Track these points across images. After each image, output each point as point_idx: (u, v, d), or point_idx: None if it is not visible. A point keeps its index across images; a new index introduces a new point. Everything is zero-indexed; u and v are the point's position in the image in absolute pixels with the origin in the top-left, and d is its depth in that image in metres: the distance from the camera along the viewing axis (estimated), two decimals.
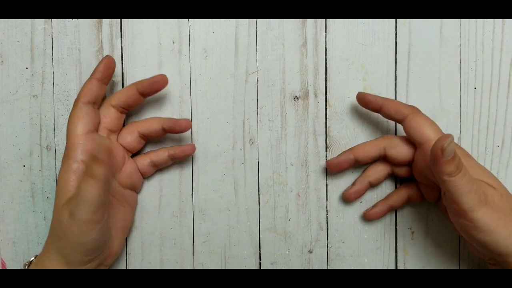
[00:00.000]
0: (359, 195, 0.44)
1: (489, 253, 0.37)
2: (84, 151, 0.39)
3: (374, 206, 0.44)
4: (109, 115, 0.42)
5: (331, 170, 0.44)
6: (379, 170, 0.44)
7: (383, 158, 0.43)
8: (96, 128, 0.41)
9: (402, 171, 0.43)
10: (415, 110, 0.41)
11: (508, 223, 0.36)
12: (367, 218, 0.44)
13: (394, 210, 0.45)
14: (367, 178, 0.44)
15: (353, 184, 0.44)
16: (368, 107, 0.42)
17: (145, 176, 0.45)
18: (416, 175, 0.42)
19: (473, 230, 0.36)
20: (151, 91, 0.42)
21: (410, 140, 0.41)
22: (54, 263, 0.38)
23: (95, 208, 0.36)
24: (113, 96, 0.42)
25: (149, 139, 0.44)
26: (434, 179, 0.40)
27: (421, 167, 0.41)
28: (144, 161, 0.44)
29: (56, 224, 0.38)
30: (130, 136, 0.43)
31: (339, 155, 0.44)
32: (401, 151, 0.42)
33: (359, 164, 0.44)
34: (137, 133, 0.43)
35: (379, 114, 0.45)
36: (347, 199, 0.44)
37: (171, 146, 0.44)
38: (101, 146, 0.40)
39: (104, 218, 0.38)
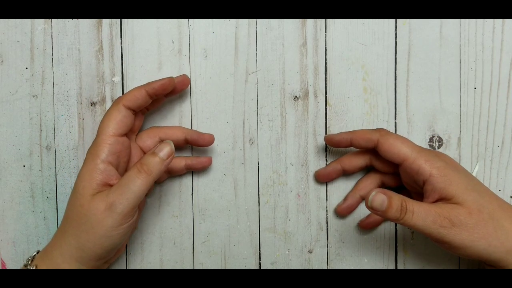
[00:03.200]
0: (351, 209, 0.45)
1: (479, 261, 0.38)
2: (112, 153, 0.39)
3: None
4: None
5: (320, 180, 0.45)
6: (369, 183, 0.44)
7: (372, 168, 0.44)
8: (126, 133, 0.41)
9: (391, 181, 0.44)
10: (383, 133, 0.41)
11: (484, 234, 0.37)
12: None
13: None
14: (358, 192, 0.44)
15: (345, 199, 0.45)
16: (340, 146, 0.43)
17: (158, 182, 0.45)
18: (405, 185, 0.43)
19: (453, 249, 0.38)
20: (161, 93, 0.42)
21: None
22: (67, 259, 0.38)
23: (136, 202, 0.38)
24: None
25: None
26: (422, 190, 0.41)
27: (408, 181, 0.42)
28: None
29: (81, 218, 0.38)
30: (150, 140, 0.43)
31: (327, 165, 0.44)
32: (386, 162, 0.42)
33: (347, 174, 0.44)
34: (158, 138, 0.43)
35: (378, 115, 0.45)
36: (340, 214, 0.45)
37: (188, 156, 0.44)
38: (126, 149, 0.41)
39: (136, 214, 0.39)
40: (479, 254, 0.37)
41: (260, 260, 0.46)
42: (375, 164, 0.43)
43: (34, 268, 0.39)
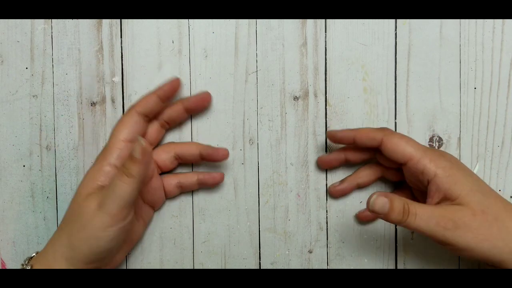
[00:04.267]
0: (344, 193, 0.44)
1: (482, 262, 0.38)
2: (120, 157, 0.40)
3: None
4: (151, 128, 0.42)
5: (321, 167, 0.44)
6: (370, 174, 0.44)
7: (375, 160, 0.43)
8: None
9: (393, 176, 0.43)
10: (387, 132, 0.41)
11: (489, 236, 0.36)
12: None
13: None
14: (356, 179, 0.44)
15: (342, 181, 0.44)
16: (342, 143, 0.43)
17: (168, 196, 0.45)
18: (408, 182, 0.42)
19: (456, 251, 0.37)
20: (197, 108, 0.43)
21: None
22: (58, 257, 0.38)
23: (124, 204, 0.37)
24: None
25: (183, 162, 0.44)
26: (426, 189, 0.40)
27: (412, 181, 0.41)
28: (172, 180, 0.44)
29: (75, 216, 0.38)
30: (165, 155, 0.43)
31: (331, 153, 0.44)
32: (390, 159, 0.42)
33: (350, 164, 0.44)
34: (173, 153, 0.43)
35: (378, 115, 0.45)
36: (331, 194, 0.44)
37: (201, 171, 0.44)
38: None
39: (128, 218, 0.38)
40: (483, 255, 0.37)
41: (260, 260, 0.46)
42: (380, 159, 0.42)
43: (29, 267, 0.39)
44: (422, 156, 0.39)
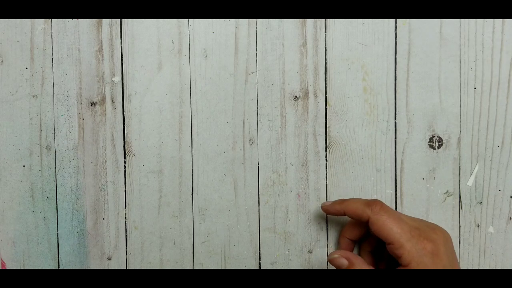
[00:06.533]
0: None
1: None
2: None
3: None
4: None
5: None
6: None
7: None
8: None
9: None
10: (375, 210, 0.40)
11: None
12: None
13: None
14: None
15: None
16: (337, 215, 0.43)
17: None
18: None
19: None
20: None
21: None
22: None
23: None
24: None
25: None
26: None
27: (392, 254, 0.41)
28: None
29: None
30: None
31: (339, 247, 0.44)
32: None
33: (355, 242, 0.44)
34: None
35: (378, 115, 0.45)
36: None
37: None
38: None
39: None
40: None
41: (260, 260, 0.46)
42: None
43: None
44: (404, 244, 0.38)
